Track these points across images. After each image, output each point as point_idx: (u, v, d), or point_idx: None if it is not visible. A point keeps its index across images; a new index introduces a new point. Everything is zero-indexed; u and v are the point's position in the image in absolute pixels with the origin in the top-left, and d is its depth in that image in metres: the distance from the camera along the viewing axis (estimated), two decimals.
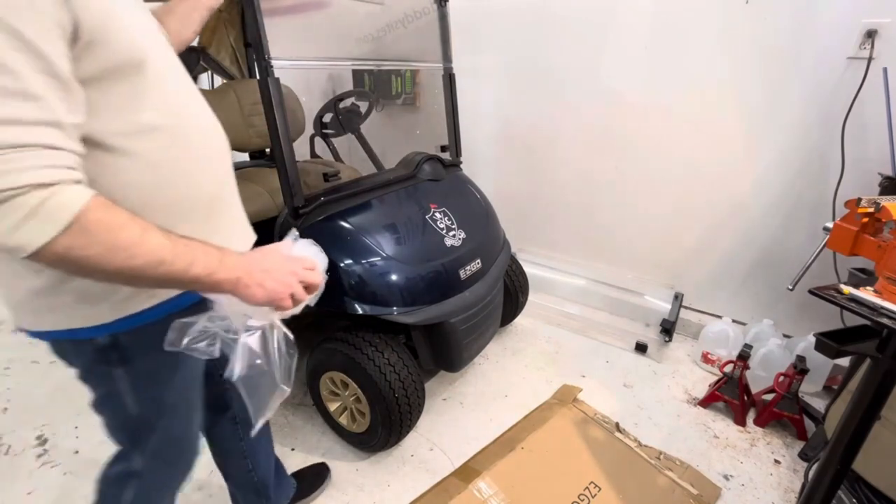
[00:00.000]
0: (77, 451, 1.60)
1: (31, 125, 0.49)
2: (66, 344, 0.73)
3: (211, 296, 0.68)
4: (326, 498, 1.45)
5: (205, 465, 1.52)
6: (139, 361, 0.71)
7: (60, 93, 0.52)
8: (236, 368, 0.70)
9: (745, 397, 1.78)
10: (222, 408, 1.10)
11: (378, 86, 2.93)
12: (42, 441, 1.63)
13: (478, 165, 2.65)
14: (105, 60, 0.58)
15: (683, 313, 2.32)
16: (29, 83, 0.49)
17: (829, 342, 0.86)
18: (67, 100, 0.53)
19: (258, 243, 0.83)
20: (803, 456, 1.63)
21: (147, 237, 0.57)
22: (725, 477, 1.55)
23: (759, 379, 1.88)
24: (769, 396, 1.78)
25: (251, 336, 0.71)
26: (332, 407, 1.60)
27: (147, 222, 0.58)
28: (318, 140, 2.34)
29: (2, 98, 0.48)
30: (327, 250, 0.83)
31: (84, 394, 0.78)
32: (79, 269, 0.55)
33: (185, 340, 0.67)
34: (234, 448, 1.16)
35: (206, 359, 0.70)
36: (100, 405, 0.80)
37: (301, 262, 0.73)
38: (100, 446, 1.61)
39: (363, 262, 1.45)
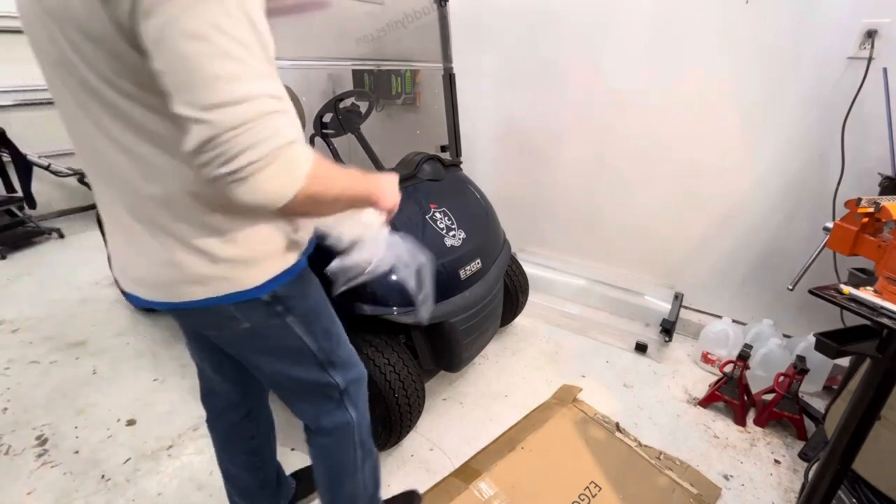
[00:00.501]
0: (77, 451, 1.60)
1: (274, 98, 0.61)
2: (234, 309, 0.81)
3: (333, 228, 0.85)
4: None
5: (205, 466, 1.53)
6: (299, 306, 0.87)
7: (275, 74, 0.63)
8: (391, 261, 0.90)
9: (745, 397, 1.78)
10: (240, 404, 1.12)
11: (378, 86, 2.93)
12: (42, 441, 1.63)
13: (478, 165, 2.66)
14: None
15: (683, 313, 2.32)
16: (269, 65, 0.61)
17: (829, 342, 0.86)
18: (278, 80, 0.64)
19: None
20: (803, 456, 1.63)
21: (337, 170, 0.72)
22: (725, 477, 1.55)
23: (759, 379, 1.88)
24: (769, 396, 1.78)
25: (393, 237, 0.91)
26: None
27: None
28: (318, 140, 2.33)
29: (257, 77, 0.59)
30: (327, 250, 0.84)
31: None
32: (312, 204, 0.69)
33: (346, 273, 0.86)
34: (245, 446, 1.18)
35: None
36: (284, 357, 0.92)
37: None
38: (100, 446, 1.61)
39: None
